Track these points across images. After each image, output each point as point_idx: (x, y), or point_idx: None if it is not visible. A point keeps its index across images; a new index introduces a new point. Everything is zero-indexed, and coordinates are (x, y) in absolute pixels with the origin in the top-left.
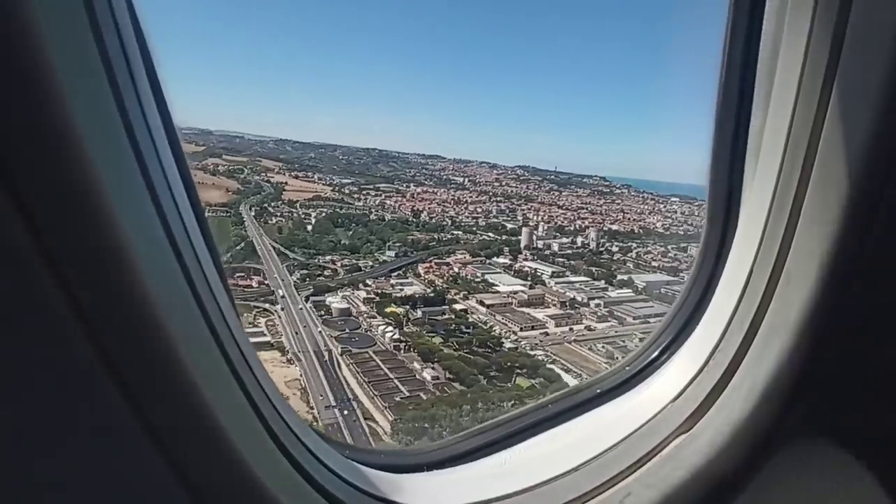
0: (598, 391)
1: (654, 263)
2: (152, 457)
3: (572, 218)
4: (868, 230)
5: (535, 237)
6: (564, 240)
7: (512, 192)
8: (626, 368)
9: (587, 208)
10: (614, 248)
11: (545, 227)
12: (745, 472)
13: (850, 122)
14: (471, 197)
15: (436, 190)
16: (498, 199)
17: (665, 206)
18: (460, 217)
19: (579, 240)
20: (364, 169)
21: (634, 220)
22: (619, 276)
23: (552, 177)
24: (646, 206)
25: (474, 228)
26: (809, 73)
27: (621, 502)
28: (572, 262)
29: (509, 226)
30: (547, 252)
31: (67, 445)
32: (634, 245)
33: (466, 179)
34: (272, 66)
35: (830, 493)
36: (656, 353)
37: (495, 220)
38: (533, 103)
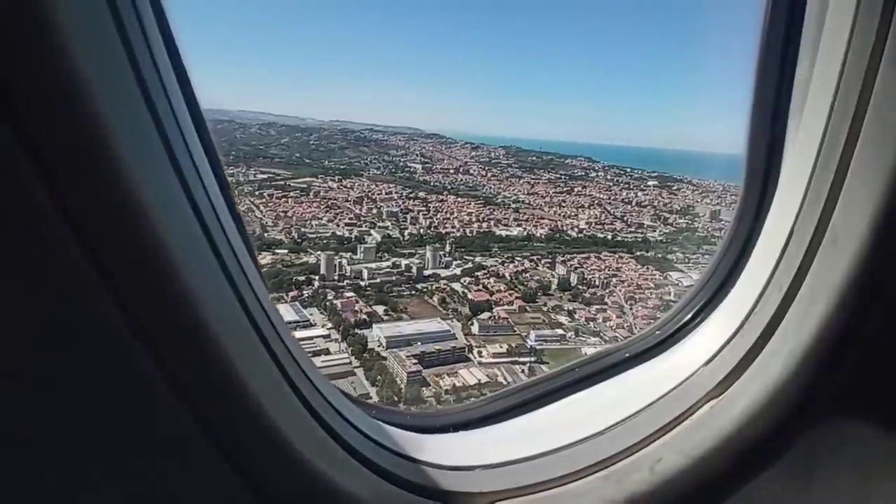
0: (627, 355)
1: (471, 296)
2: (185, 420)
3: (474, 219)
4: None
5: (337, 264)
6: (384, 264)
7: (461, 180)
8: (657, 332)
9: (526, 201)
10: (453, 272)
11: (362, 249)
12: (778, 441)
13: None
14: (388, 193)
15: (351, 187)
16: (416, 195)
17: (627, 194)
18: (331, 224)
19: (405, 262)
20: (325, 156)
21: (566, 215)
22: (378, 327)
23: (533, 158)
24: (602, 196)
25: (312, 246)
26: (863, 14)
27: (651, 468)
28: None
29: (368, 239)
30: (343, 283)
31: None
32: (496, 262)
33: (422, 166)
34: (311, 45)
35: (870, 466)
36: (689, 316)
37: (363, 229)
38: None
